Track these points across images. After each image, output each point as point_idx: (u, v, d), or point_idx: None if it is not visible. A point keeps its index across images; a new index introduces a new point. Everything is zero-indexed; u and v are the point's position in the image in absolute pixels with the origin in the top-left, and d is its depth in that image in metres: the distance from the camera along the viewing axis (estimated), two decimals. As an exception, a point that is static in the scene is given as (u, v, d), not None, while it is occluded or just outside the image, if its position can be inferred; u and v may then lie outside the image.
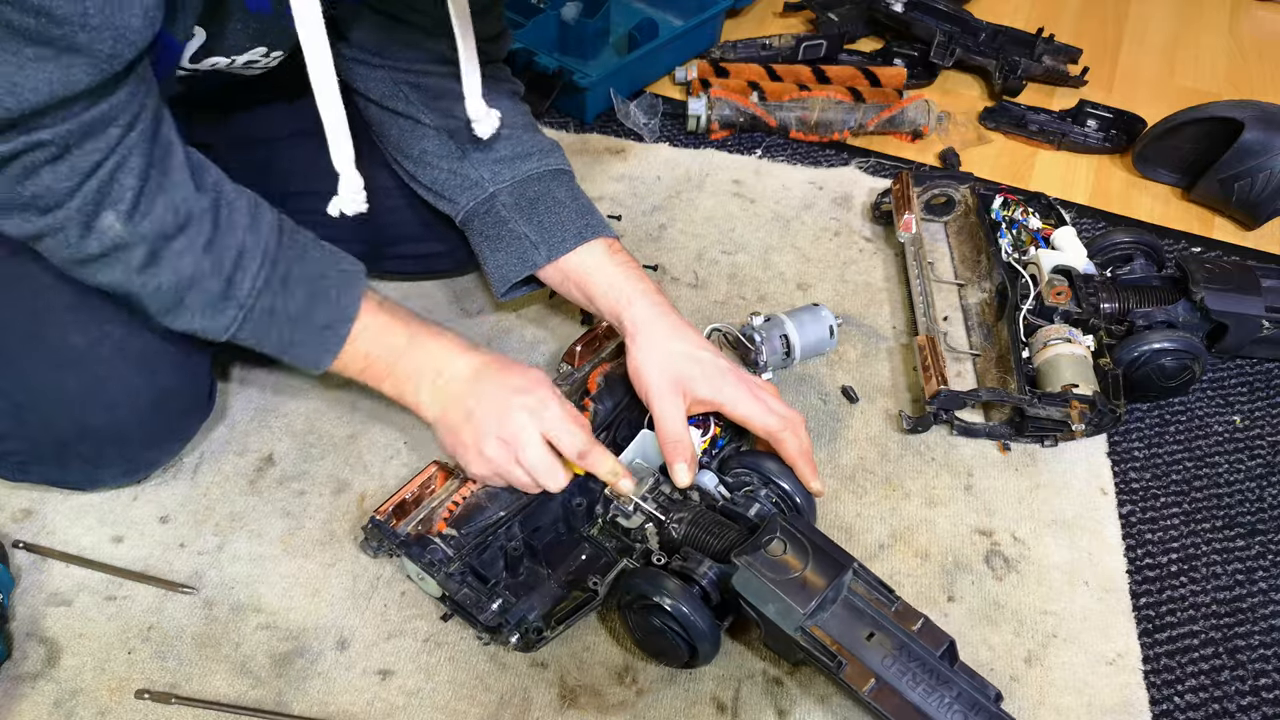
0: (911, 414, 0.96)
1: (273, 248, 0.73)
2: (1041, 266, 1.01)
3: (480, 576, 0.76)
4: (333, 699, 0.75)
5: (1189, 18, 1.64)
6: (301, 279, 0.74)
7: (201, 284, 0.70)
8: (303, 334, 0.75)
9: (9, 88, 0.56)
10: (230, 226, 0.71)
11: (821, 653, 0.67)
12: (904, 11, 1.43)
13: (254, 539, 0.84)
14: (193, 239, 0.69)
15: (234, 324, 0.73)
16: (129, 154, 0.64)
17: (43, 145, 0.60)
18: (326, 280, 0.76)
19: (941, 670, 0.67)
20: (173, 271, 0.69)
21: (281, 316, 0.74)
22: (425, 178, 0.91)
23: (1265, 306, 0.97)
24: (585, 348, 0.92)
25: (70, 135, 0.61)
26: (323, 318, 0.75)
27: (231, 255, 0.71)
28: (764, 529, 0.72)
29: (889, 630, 0.68)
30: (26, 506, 0.85)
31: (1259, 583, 0.85)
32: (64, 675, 0.75)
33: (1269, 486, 0.93)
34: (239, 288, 0.71)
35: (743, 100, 1.29)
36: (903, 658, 0.67)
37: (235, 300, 0.72)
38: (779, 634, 0.69)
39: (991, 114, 1.36)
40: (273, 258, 0.73)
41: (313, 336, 0.76)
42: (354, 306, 0.77)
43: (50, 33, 0.54)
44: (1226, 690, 0.78)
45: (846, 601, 0.69)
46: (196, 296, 0.71)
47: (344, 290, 0.77)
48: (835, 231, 1.18)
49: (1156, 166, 1.29)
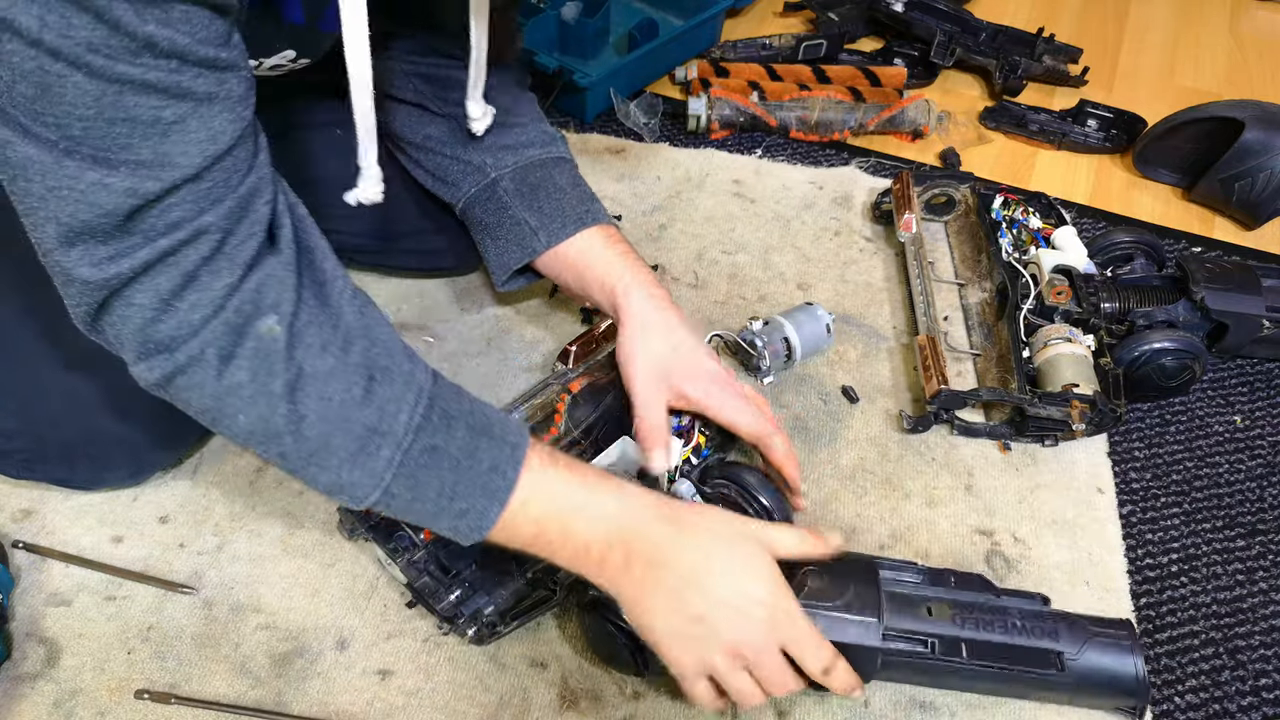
0: (912, 414, 0.96)
1: (429, 380, 0.63)
2: (1042, 266, 1.01)
3: (444, 567, 0.75)
4: (332, 699, 0.75)
5: (1189, 17, 1.64)
6: (461, 415, 0.63)
7: (352, 416, 0.59)
8: (465, 481, 0.62)
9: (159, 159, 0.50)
10: (385, 347, 0.62)
11: (913, 647, 0.68)
12: (904, 11, 1.43)
13: (254, 539, 0.84)
14: (343, 356, 0.59)
15: (389, 469, 0.60)
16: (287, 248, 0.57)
17: (204, 234, 0.53)
18: (487, 416, 0.65)
19: (995, 604, 0.70)
20: (319, 399, 0.58)
21: (442, 458, 0.61)
22: (429, 163, 0.90)
23: (1266, 306, 0.97)
24: (581, 348, 0.91)
25: (231, 214, 0.54)
26: (488, 458, 0.63)
27: (384, 381, 0.60)
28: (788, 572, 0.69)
29: (937, 597, 0.70)
30: (26, 506, 0.85)
31: (1259, 583, 0.85)
32: (64, 675, 0.75)
33: (1269, 486, 0.93)
34: (395, 420, 0.60)
35: (743, 100, 1.29)
36: (964, 613, 0.69)
37: (392, 436, 0.60)
38: (864, 656, 0.68)
39: (992, 114, 1.36)
40: (430, 391, 0.62)
41: (477, 484, 0.62)
42: (522, 443, 0.64)
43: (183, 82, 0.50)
44: (1227, 690, 0.78)
45: (889, 595, 0.70)
46: (345, 435, 0.59)
47: (507, 428, 0.65)
48: (835, 231, 1.18)
49: (1157, 166, 1.29)
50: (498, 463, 0.63)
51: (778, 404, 0.97)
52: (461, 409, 0.64)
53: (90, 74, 0.47)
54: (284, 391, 0.57)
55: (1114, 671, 0.69)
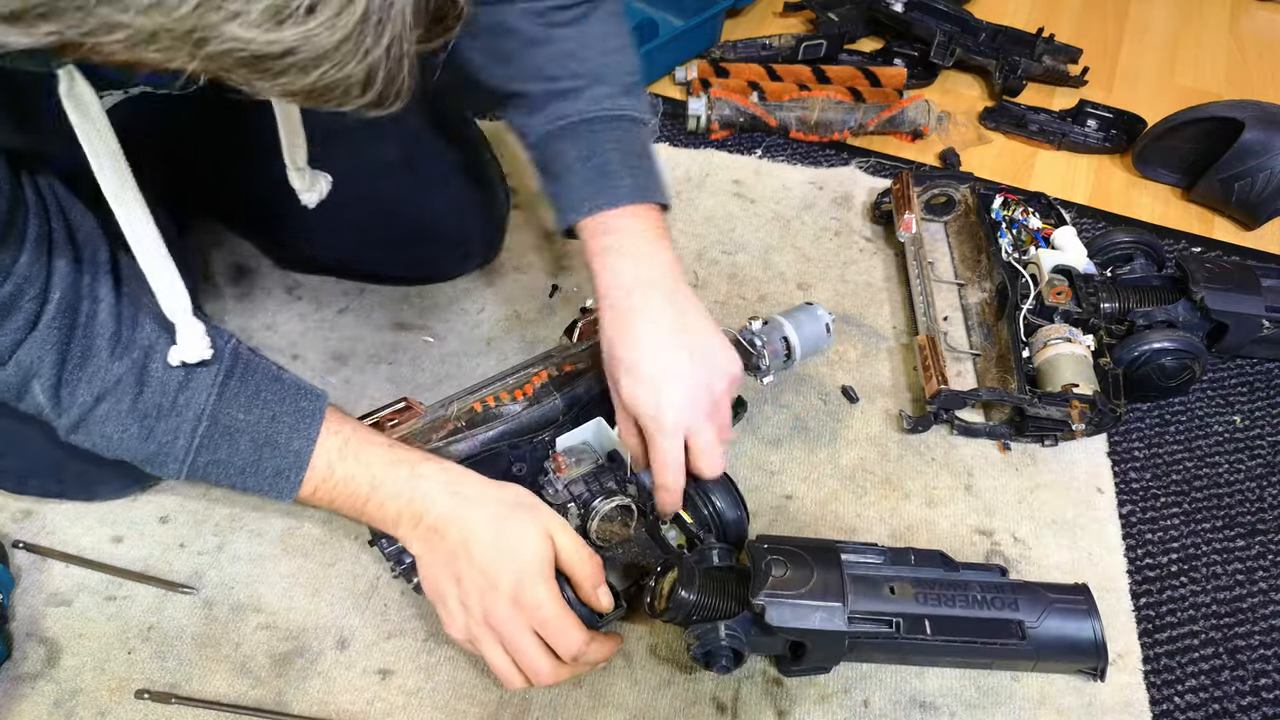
0: (911, 414, 0.96)
1: (210, 403, 0.68)
2: (1042, 266, 1.01)
3: None
4: (333, 699, 0.75)
5: (1189, 17, 1.64)
6: (246, 427, 0.69)
7: (132, 446, 0.68)
8: (254, 481, 0.70)
9: None
10: (160, 387, 0.68)
11: (878, 628, 0.69)
12: (904, 11, 1.43)
13: (254, 539, 0.84)
14: (115, 405, 0.67)
15: (179, 474, 0.70)
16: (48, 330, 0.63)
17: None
18: (277, 424, 0.70)
19: (955, 579, 0.71)
20: (101, 436, 0.68)
21: (228, 467, 0.70)
22: None
23: (1265, 306, 0.97)
24: (588, 324, 0.92)
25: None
26: (271, 465, 0.70)
27: (160, 418, 0.68)
28: (754, 561, 0.71)
29: (899, 576, 0.71)
30: (26, 506, 0.85)
31: (1259, 583, 0.85)
32: (64, 675, 0.75)
33: (1269, 486, 0.93)
34: (173, 446, 0.68)
35: (743, 100, 1.29)
36: (926, 590, 0.70)
37: (173, 457, 0.69)
38: (830, 640, 0.69)
39: (991, 114, 1.36)
40: (210, 412, 0.68)
41: (265, 483, 0.70)
42: (307, 450, 0.70)
43: None
44: (1227, 690, 0.78)
45: (853, 577, 0.70)
46: (133, 455, 0.69)
47: (296, 433, 0.70)
48: (835, 231, 1.18)
49: (1156, 166, 1.29)
50: (281, 469, 0.69)
51: (778, 404, 0.97)
52: (249, 420, 0.69)
53: None
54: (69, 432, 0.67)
55: (1074, 637, 0.71)
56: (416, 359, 1.01)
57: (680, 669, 0.77)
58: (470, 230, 1.05)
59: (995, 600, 0.70)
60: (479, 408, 0.86)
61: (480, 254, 1.09)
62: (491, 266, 1.10)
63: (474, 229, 1.06)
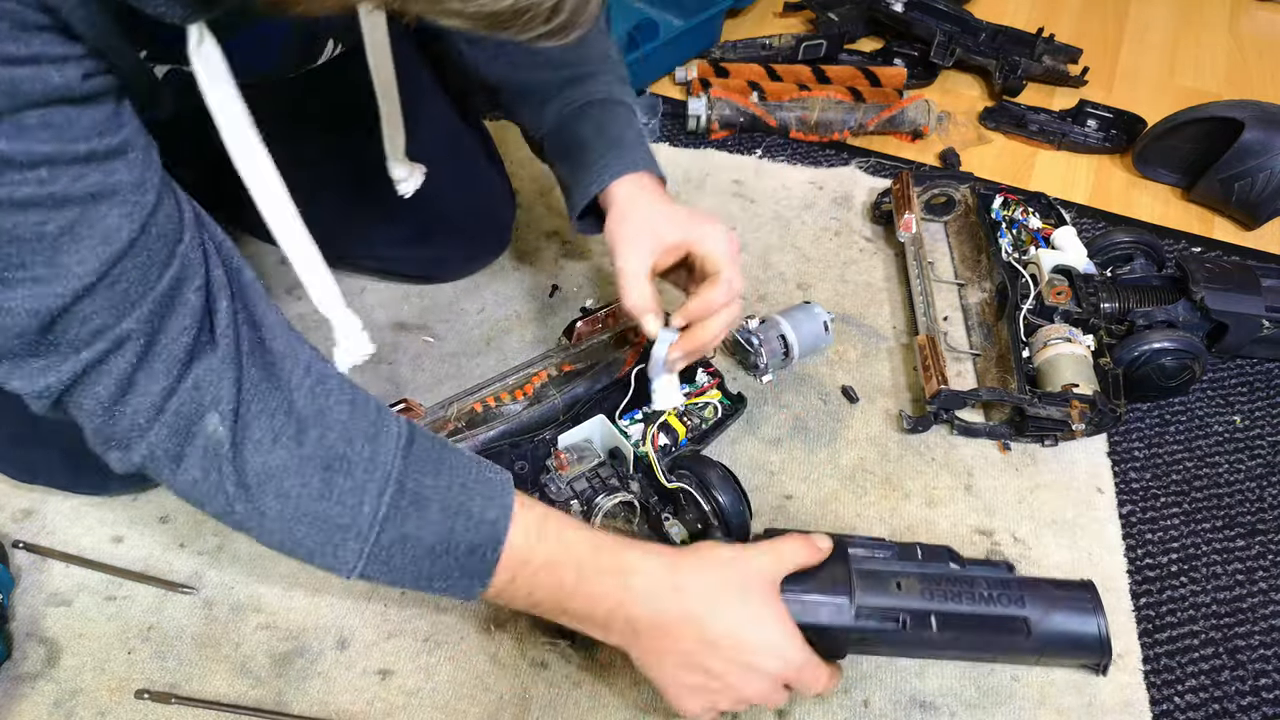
0: (911, 414, 0.96)
1: (397, 464, 0.59)
2: (1042, 266, 1.01)
3: None
4: (333, 699, 0.75)
5: (1189, 17, 1.64)
6: (435, 495, 0.60)
7: (312, 510, 0.57)
8: (443, 564, 0.61)
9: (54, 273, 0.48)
10: (343, 431, 0.58)
11: (883, 623, 0.68)
12: (904, 11, 1.43)
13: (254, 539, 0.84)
14: (296, 449, 0.56)
15: (359, 559, 0.59)
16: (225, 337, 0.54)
17: (128, 341, 0.51)
18: (468, 493, 0.61)
19: (962, 575, 0.71)
20: (277, 495, 0.56)
21: (415, 546, 0.60)
22: None
23: (1265, 306, 0.97)
24: (586, 324, 0.92)
25: (154, 315, 0.51)
26: (465, 540, 0.60)
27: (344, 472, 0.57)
28: None
29: (906, 572, 0.70)
30: (26, 506, 0.85)
31: (1259, 583, 0.85)
32: (64, 675, 0.75)
33: (1269, 486, 0.93)
34: (358, 513, 0.58)
35: (743, 100, 1.29)
36: (932, 586, 0.69)
37: (355, 529, 0.58)
38: (836, 635, 0.69)
39: (991, 114, 1.36)
40: (398, 476, 0.59)
41: (457, 564, 0.61)
42: (504, 521, 0.61)
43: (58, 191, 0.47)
44: (1227, 690, 0.78)
45: (860, 572, 0.70)
46: (309, 528, 0.58)
47: (490, 502, 0.62)
48: (835, 231, 1.18)
49: (1157, 166, 1.29)
50: (476, 544, 0.61)
51: (778, 403, 0.97)
52: (437, 486, 0.61)
53: None
54: (237, 491, 0.56)
55: (1079, 633, 0.70)
56: (416, 359, 1.01)
57: (680, 669, 0.77)
58: (479, 229, 1.06)
59: (1002, 597, 0.70)
60: (479, 408, 0.86)
61: (487, 253, 1.09)
62: (491, 266, 1.10)
63: (481, 230, 1.06)
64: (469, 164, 1.03)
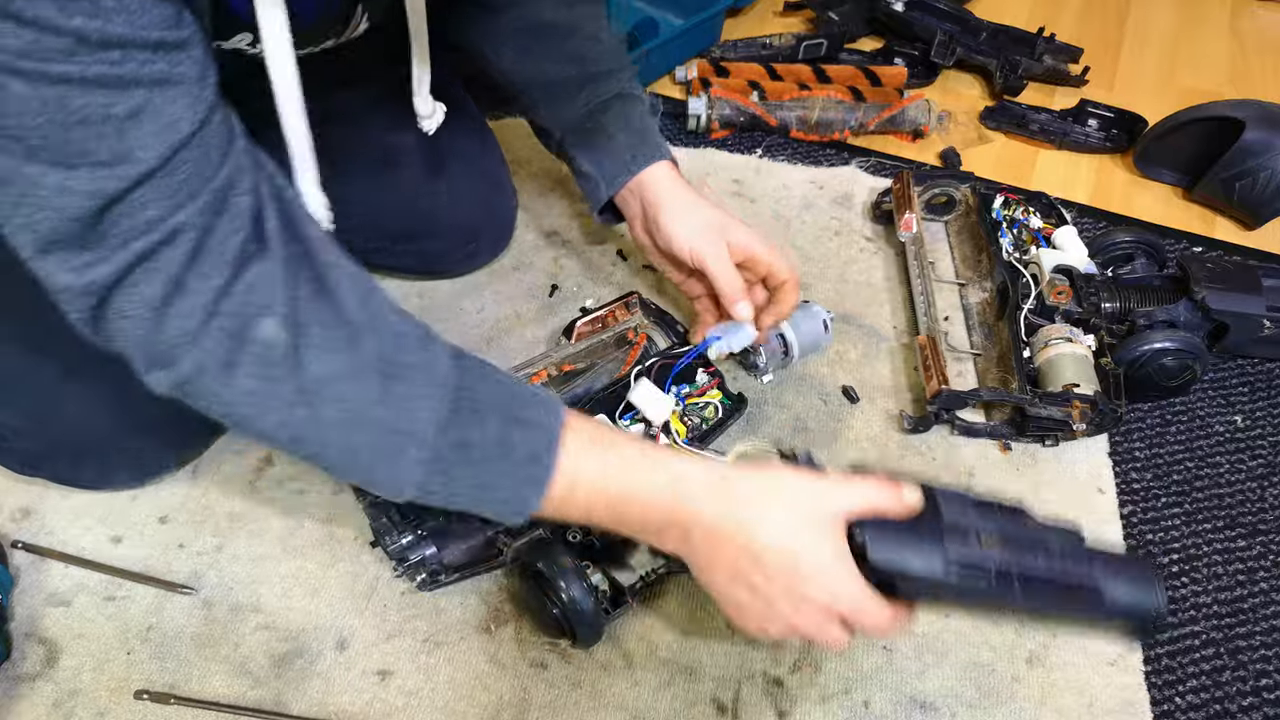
0: (912, 414, 0.96)
1: (450, 370, 0.59)
2: (1042, 266, 1.01)
3: (404, 514, 0.76)
4: (332, 699, 0.74)
5: (1190, 17, 1.63)
6: (490, 404, 0.60)
7: (371, 416, 0.56)
8: (503, 472, 0.60)
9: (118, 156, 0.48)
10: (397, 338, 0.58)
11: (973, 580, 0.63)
12: (904, 11, 1.43)
13: (253, 539, 0.84)
14: (354, 355, 0.56)
15: (419, 467, 0.58)
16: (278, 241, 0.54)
17: (181, 234, 0.51)
18: (519, 401, 0.61)
19: (1035, 536, 0.66)
20: (335, 401, 0.56)
21: (475, 454, 0.59)
22: None
23: (1266, 306, 0.97)
24: (586, 324, 0.92)
25: (208, 209, 0.51)
26: (524, 448, 0.60)
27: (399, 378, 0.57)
28: None
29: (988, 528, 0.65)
30: (26, 506, 0.85)
31: (1260, 583, 0.85)
32: (63, 676, 0.75)
33: (1270, 486, 0.93)
34: (414, 418, 0.57)
35: (743, 100, 1.29)
36: (1014, 544, 0.65)
37: (416, 436, 0.57)
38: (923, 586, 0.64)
39: (992, 113, 1.36)
40: (455, 382, 0.58)
41: (517, 473, 0.60)
42: (557, 427, 0.61)
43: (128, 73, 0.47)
44: (1228, 691, 0.78)
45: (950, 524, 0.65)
46: (368, 435, 0.57)
47: (545, 409, 0.62)
48: (836, 231, 1.18)
49: (1157, 166, 1.29)
50: (535, 450, 0.60)
51: (778, 403, 0.97)
52: (491, 396, 0.61)
53: (27, 81, 0.45)
54: (296, 397, 0.55)
55: (1141, 605, 0.66)
56: (416, 359, 1.01)
57: (680, 670, 0.77)
58: (480, 225, 1.06)
59: (1077, 562, 0.66)
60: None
61: (488, 250, 1.09)
62: (491, 266, 1.10)
63: (484, 224, 1.07)
64: (475, 156, 1.04)
